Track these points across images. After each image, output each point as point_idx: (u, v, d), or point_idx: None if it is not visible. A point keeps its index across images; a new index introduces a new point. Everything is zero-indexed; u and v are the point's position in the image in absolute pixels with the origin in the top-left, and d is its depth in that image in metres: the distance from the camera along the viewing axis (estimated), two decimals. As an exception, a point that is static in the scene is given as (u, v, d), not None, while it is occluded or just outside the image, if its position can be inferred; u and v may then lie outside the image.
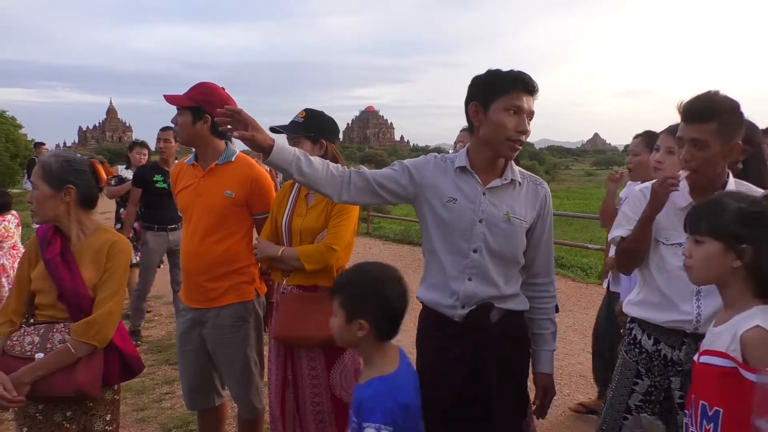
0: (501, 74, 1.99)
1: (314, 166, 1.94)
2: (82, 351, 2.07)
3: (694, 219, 1.61)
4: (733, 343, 1.46)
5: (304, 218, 2.51)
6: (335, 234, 2.45)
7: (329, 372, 2.49)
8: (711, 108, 1.94)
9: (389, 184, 2.06)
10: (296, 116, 2.50)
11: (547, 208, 2.14)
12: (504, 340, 2.05)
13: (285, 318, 2.47)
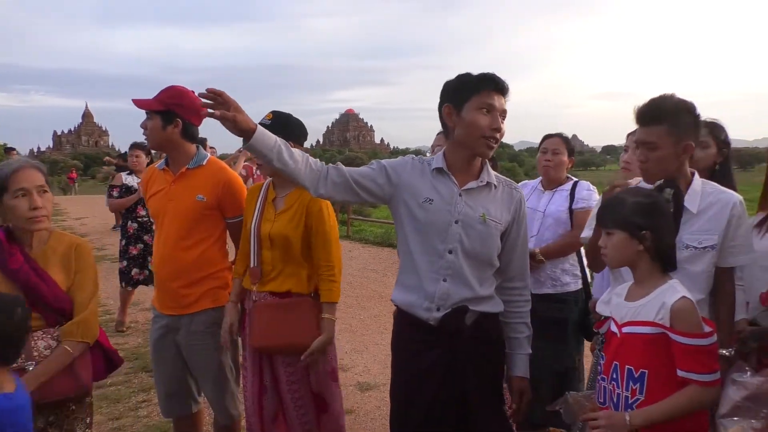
0: (471, 76, 2.03)
1: (294, 156, 1.92)
2: (79, 350, 2.13)
3: (602, 214, 1.84)
4: (661, 312, 1.69)
5: (273, 223, 2.49)
6: (333, 258, 2.50)
7: (308, 375, 2.50)
8: (661, 111, 2.00)
9: (366, 183, 2.05)
10: (263, 118, 2.48)
11: (522, 212, 2.16)
12: (479, 343, 2.05)
13: (263, 327, 2.46)
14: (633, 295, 1.81)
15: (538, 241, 3.25)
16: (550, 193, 3.31)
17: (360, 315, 6.64)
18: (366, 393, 4.38)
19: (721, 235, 2.03)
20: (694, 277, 2.01)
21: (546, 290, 3.12)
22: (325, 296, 2.48)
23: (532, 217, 3.29)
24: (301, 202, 2.46)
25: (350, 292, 7.81)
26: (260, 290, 2.52)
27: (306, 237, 2.49)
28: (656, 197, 1.81)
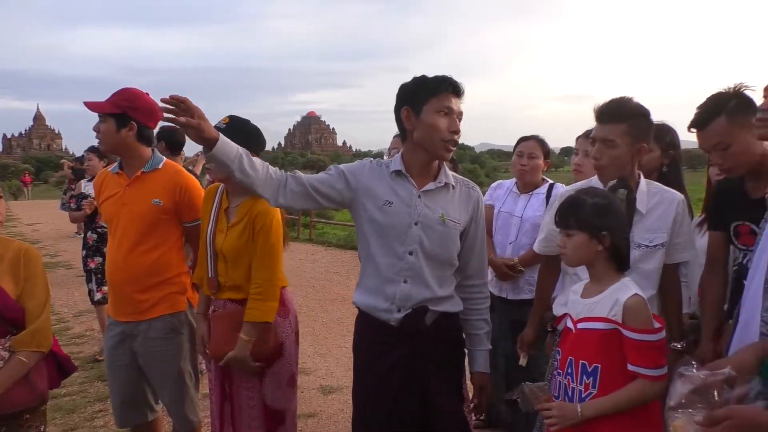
0: (429, 79, 2.04)
1: (255, 166, 1.91)
2: (34, 360, 2.07)
3: (562, 216, 1.86)
4: (615, 308, 1.75)
5: (226, 236, 2.44)
6: (267, 275, 2.40)
7: (262, 381, 2.47)
8: (622, 111, 2.09)
9: (325, 189, 2.05)
10: (219, 122, 2.44)
11: (480, 212, 2.19)
12: (440, 343, 2.07)
13: (220, 336, 2.43)
14: (588, 292, 1.86)
15: (517, 247, 3.25)
16: (527, 197, 3.31)
17: (323, 318, 6.62)
18: (329, 396, 4.37)
19: (669, 233, 2.12)
20: (647, 274, 2.09)
21: (524, 296, 3.14)
22: (247, 315, 2.38)
23: (509, 223, 3.31)
24: (250, 215, 2.40)
25: (313, 295, 7.78)
26: (219, 298, 2.49)
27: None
28: (612, 198, 1.86)
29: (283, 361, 2.50)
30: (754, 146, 2.06)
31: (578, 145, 3.07)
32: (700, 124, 2.09)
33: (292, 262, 10.12)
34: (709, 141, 2.08)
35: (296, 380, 2.62)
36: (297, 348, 2.61)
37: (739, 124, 2.02)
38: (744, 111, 2.03)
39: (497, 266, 3.23)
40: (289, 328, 2.55)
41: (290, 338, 2.54)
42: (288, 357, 2.53)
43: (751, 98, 2.06)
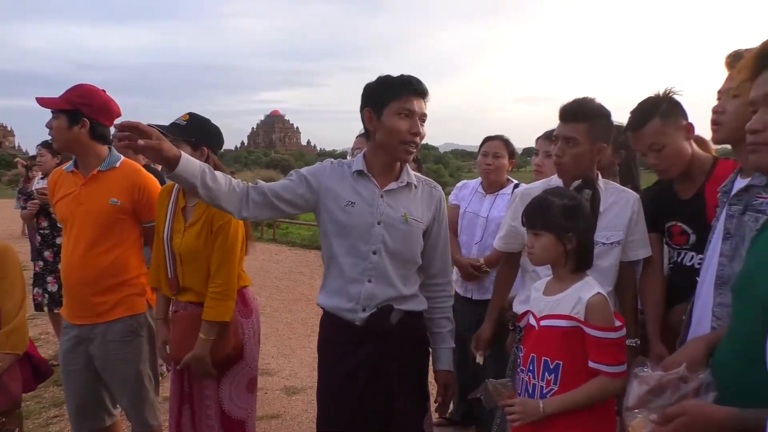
0: (391, 79, 2.04)
1: (218, 180, 1.88)
2: (8, 361, 2.04)
3: (530, 216, 1.88)
4: (577, 306, 1.77)
5: (183, 237, 2.39)
6: (225, 275, 2.36)
7: (219, 384, 2.43)
8: (584, 110, 2.13)
9: (287, 195, 2.04)
10: (178, 118, 2.39)
11: (442, 211, 2.20)
12: (404, 341, 2.08)
13: (181, 337, 2.39)
14: (551, 290, 1.89)
15: (482, 248, 3.27)
16: (492, 197, 3.33)
17: (287, 318, 6.57)
18: (293, 397, 4.34)
19: (625, 231, 2.17)
20: (604, 271, 2.14)
21: (489, 296, 3.15)
22: (205, 313, 2.35)
23: (474, 223, 3.33)
24: (208, 213, 2.36)
25: (277, 295, 7.71)
26: (180, 299, 2.45)
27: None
28: (579, 199, 1.89)
29: (243, 363, 2.46)
30: (686, 148, 2.16)
31: (539, 146, 3.12)
32: (636, 125, 2.17)
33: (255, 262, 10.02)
34: (645, 142, 2.16)
35: (256, 385, 2.58)
36: (258, 350, 2.57)
37: (672, 125, 2.12)
38: (675, 113, 2.14)
39: (463, 266, 3.25)
40: (251, 329, 2.52)
41: (252, 340, 2.51)
42: (248, 359, 2.49)
43: (679, 102, 2.17)
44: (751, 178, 1.63)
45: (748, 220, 1.61)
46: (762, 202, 1.59)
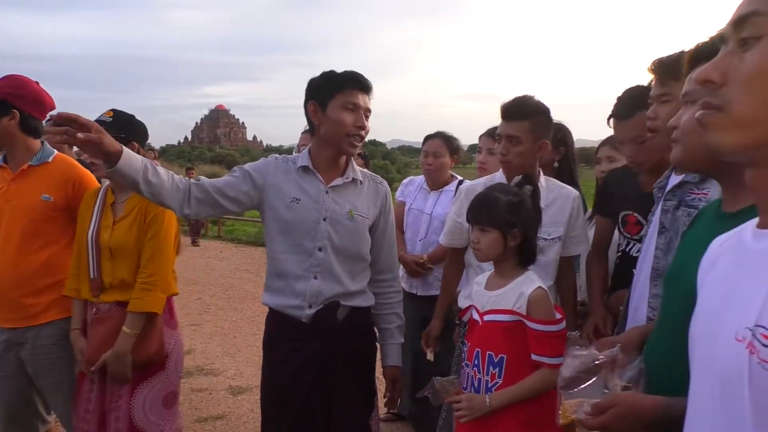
0: (336, 74, 2.05)
1: (160, 176, 1.82)
2: None
3: (477, 212, 1.90)
4: (519, 301, 1.81)
5: (112, 232, 2.29)
6: (157, 265, 2.28)
7: (133, 394, 2.28)
8: (525, 109, 2.18)
9: (231, 192, 2.00)
10: (102, 115, 2.30)
11: (388, 206, 2.21)
12: (351, 338, 2.08)
13: (99, 340, 2.24)
14: (493, 284, 1.92)
15: (426, 244, 3.29)
16: (436, 194, 3.35)
17: (232, 317, 6.46)
18: (238, 397, 4.27)
19: (565, 227, 2.23)
20: (545, 266, 2.19)
21: (434, 292, 3.14)
22: (132, 304, 2.23)
23: (419, 220, 3.35)
24: (141, 205, 2.27)
25: (222, 294, 7.57)
26: (104, 301, 2.30)
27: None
28: (523, 196, 1.92)
29: (163, 375, 2.34)
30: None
31: (482, 143, 3.17)
32: (623, 114, 2.11)
33: (200, 260, 9.80)
34: (629, 133, 2.10)
35: (176, 401, 2.44)
36: (181, 366, 2.46)
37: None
38: None
39: (407, 263, 3.28)
40: (177, 341, 2.42)
41: (176, 352, 2.40)
42: (170, 372, 2.37)
43: None
44: (685, 175, 1.70)
45: (681, 215, 1.68)
46: (694, 197, 1.66)
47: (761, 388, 0.64)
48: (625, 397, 1.19)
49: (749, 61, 0.69)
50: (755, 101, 0.69)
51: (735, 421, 0.67)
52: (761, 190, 0.74)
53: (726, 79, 0.71)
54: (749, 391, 0.65)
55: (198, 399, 4.20)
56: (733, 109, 0.71)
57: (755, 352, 0.65)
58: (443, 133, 3.42)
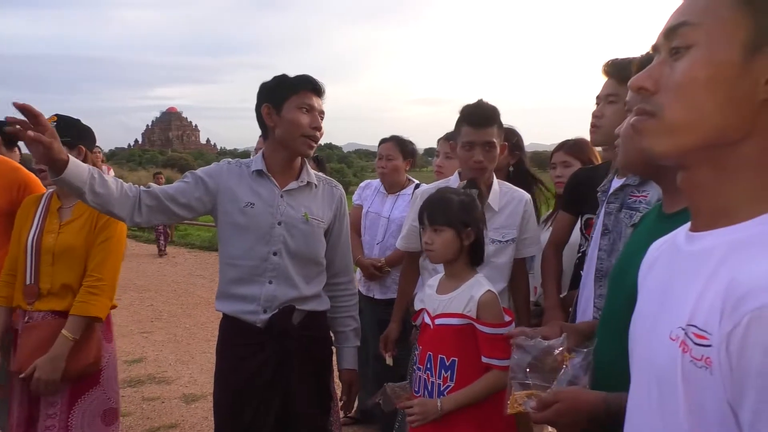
0: (289, 77, 2.05)
1: (108, 185, 1.78)
2: None
3: (431, 212, 1.91)
4: (470, 305, 1.83)
5: (58, 236, 2.22)
6: (106, 271, 2.21)
7: (70, 411, 2.20)
8: (493, 114, 2.22)
9: (183, 199, 1.97)
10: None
11: (343, 209, 2.22)
12: (307, 342, 2.07)
13: (30, 347, 2.15)
14: (444, 288, 1.93)
15: (383, 248, 3.29)
16: (393, 198, 3.36)
17: (185, 323, 6.33)
18: (192, 405, 4.19)
19: (518, 229, 2.28)
20: (500, 268, 2.24)
21: (392, 295, 3.16)
22: (76, 308, 2.15)
23: (376, 223, 3.35)
24: (91, 210, 2.19)
25: (174, 300, 7.41)
26: (38, 309, 2.20)
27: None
28: (473, 196, 1.95)
29: (99, 390, 2.26)
30: None
31: (440, 148, 3.20)
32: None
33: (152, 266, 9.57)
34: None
35: (116, 418, 2.35)
36: (116, 382, 2.38)
37: None
38: None
39: (365, 267, 3.28)
40: (111, 355, 2.35)
41: (111, 366, 2.33)
42: (106, 387, 2.29)
43: None
44: (626, 178, 1.77)
45: (623, 217, 1.75)
46: (635, 200, 1.73)
47: (692, 384, 0.67)
48: (567, 392, 1.24)
49: (679, 69, 0.73)
50: (685, 108, 0.73)
51: (670, 415, 0.70)
52: (691, 192, 0.77)
53: (658, 86, 0.75)
54: (682, 386, 0.68)
55: (150, 408, 4.10)
56: (664, 115, 0.74)
57: (687, 351, 0.67)
58: (397, 136, 3.45)
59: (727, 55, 0.70)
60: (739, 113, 0.70)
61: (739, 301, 0.62)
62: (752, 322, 0.60)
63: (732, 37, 0.70)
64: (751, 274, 0.63)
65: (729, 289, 0.64)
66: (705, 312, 0.66)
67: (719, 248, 0.70)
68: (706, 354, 0.65)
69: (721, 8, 0.71)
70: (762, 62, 0.68)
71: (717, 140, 0.72)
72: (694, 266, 0.73)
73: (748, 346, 0.60)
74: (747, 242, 0.68)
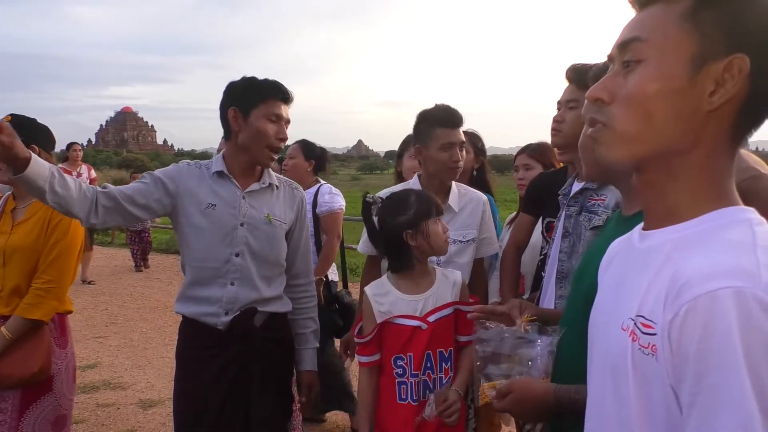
0: (259, 82, 2.03)
1: (68, 185, 1.74)
2: None
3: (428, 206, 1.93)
4: (454, 290, 1.92)
5: (10, 236, 2.17)
6: (56, 272, 2.16)
7: (21, 417, 2.15)
8: (461, 116, 2.26)
9: (142, 200, 1.94)
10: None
11: (304, 212, 2.23)
12: (268, 344, 2.06)
13: None
14: (412, 288, 1.90)
15: None
16: None
17: (142, 328, 6.18)
18: (149, 410, 4.10)
19: (477, 229, 2.33)
20: (461, 267, 2.26)
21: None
22: (20, 309, 2.11)
23: None
24: (45, 209, 2.15)
25: (131, 303, 7.22)
26: None
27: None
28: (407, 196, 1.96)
29: (50, 397, 2.21)
30: None
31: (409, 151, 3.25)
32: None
33: (107, 269, 9.31)
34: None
35: (67, 425, 2.30)
36: (73, 387, 2.33)
37: None
38: None
39: None
40: (65, 362, 2.28)
41: (64, 373, 2.27)
42: (58, 394, 2.23)
43: None
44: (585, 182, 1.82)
45: (583, 220, 1.79)
46: (594, 203, 1.78)
47: (640, 371, 0.72)
48: (520, 383, 1.30)
49: (631, 83, 0.77)
50: (636, 120, 0.77)
51: (623, 401, 0.75)
52: (644, 193, 0.82)
53: (613, 97, 0.79)
54: (632, 373, 0.73)
55: (105, 415, 3.99)
56: (616, 125, 0.79)
57: (636, 339, 0.72)
58: (305, 140, 3.63)
59: (674, 71, 0.74)
60: (687, 124, 0.75)
61: (678, 292, 0.67)
62: (689, 312, 0.65)
63: (679, 53, 0.74)
64: (689, 268, 0.68)
65: (671, 281, 0.69)
66: (651, 303, 0.72)
67: (666, 245, 0.76)
68: (652, 342, 0.70)
69: (669, 26, 0.75)
70: (706, 76, 0.73)
71: (666, 149, 0.77)
72: (644, 262, 0.78)
73: (685, 334, 0.65)
74: (689, 239, 0.74)
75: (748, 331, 0.62)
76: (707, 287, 0.65)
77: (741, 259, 0.67)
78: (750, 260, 0.66)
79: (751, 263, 0.66)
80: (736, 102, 0.73)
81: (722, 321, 0.63)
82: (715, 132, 0.75)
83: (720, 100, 0.73)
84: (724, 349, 0.62)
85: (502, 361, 1.41)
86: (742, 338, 0.62)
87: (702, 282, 0.66)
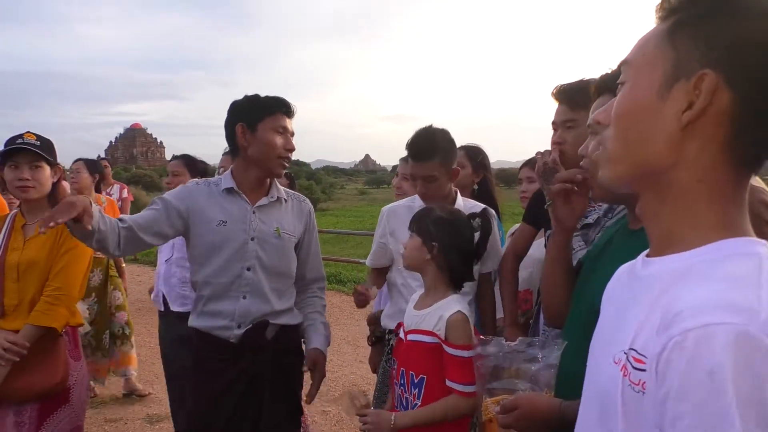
0: (264, 98, 2.09)
1: (105, 220, 1.81)
2: None
3: (413, 219, 1.95)
4: (439, 324, 1.80)
5: (22, 252, 2.20)
6: (64, 280, 2.19)
7: (39, 430, 2.16)
8: (434, 146, 2.20)
9: (155, 226, 1.99)
10: (23, 139, 2.19)
11: (312, 222, 2.27)
12: (279, 356, 2.10)
13: None
14: (421, 303, 1.93)
15: None
16: None
17: (149, 343, 6.20)
18: (156, 425, 4.11)
19: None
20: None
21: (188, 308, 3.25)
22: (32, 317, 2.13)
23: None
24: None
25: (139, 319, 7.24)
26: (3, 328, 2.14)
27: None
28: (458, 219, 1.93)
29: (68, 409, 2.24)
30: None
31: (399, 169, 3.26)
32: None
33: (114, 285, 9.34)
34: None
35: None
36: (87, 398, 2.37)
37: None
38: None
39: None
40: (80, 374, 2.31)
41: (81, 385, 2.30)
42: (75, 406, 2.27)
43: None
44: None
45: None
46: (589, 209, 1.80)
47: (630, 408, 0.68)
48: (526, 398, 1.29)
49: (615, 104, 0.79)
50: (617, 140, 0.78)
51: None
52: (643, 218, 0.80)
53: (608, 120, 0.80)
54: (621, 410, 0.69)
55: (112, 430, 4.01)
56: (607, 146, 0.80)
57: (627, 375, 0.68)
58: (188, 155, 3.60)
59: (646, 90, 0.74)
60: (663, 142, 0.73)
61: (668, 325, 0.64)
62: (675, 347, 0.61)
63: (653, 72, 0.74)
64: (680, 301, 0.65)
65: (663, 314, 0.66)
66: (644, 336, 0.68)
67: (664, 275, 0.72)
68: (642, 378, 0.66)
69: (649, 46, 0.76)
70: (680, 93, 0.71)
71: (646, 169, 0.75)
72: (643, 292, 0.75)
73: (670, 369, 0.61)
74: (686, 272, 0.70)
75: (739, 373, 0.57)
76: (699, 321, 0.61)
77: (741, 295, 0.62)
78: (751, 296, 0.62)
79: (752, 299, 0.62)
80: (718, 121, 0.70)
81: (709, 359, 0.58)
82: (698, 152, 0.72)
83: (687, 117, 0.70)
84: (706, 390, 0.57)
85: (503, 376, 1.41)
86: (734, 380, 0.57)
87: (695, 315, 0.61)
